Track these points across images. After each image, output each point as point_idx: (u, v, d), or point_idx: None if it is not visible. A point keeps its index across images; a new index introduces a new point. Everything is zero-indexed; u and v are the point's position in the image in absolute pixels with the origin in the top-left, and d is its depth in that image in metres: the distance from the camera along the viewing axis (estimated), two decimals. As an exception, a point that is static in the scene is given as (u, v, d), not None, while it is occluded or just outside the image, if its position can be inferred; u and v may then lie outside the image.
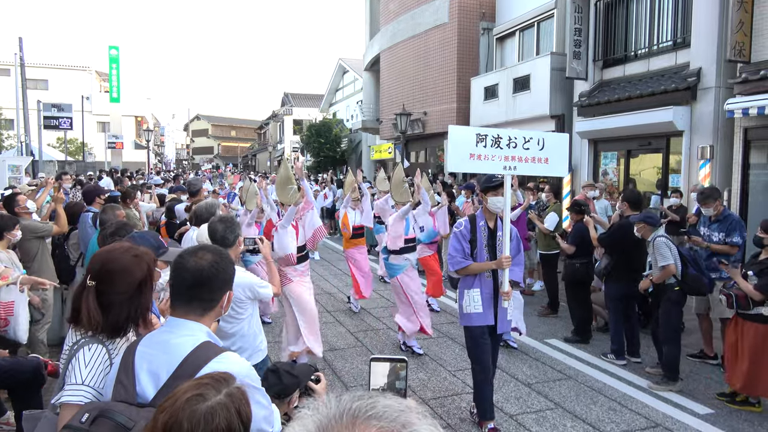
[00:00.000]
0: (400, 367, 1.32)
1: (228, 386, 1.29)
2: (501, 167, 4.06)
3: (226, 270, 1.84)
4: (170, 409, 1.21)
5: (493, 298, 4.23)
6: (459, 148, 3.91)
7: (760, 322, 4.67)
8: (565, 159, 4.30)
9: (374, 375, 1.31)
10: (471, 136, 3.94)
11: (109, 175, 17.93)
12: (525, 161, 4.11)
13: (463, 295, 4.27)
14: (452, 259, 4.20)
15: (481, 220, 4.28)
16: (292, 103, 45.64)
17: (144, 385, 1.64)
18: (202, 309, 1.78)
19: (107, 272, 1.93)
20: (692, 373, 5.69)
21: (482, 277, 4.23)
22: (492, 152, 3.99)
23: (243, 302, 3.16)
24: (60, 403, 1.78)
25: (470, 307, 4.21)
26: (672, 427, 4.51)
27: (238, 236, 3.26)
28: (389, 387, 1.31)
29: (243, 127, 76.24)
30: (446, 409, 4.77)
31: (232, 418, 1.24)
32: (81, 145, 32.42)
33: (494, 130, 4.04)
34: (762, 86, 8.54)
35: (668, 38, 11.16)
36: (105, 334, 1.92)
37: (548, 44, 14.78)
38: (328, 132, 29.98)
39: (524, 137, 4.08)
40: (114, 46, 36.51)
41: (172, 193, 9.72)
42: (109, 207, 4.96)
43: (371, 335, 6.98)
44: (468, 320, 4.26)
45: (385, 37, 22.43)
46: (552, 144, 4.20)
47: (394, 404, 0.83)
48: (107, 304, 1.90)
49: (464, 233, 4.22)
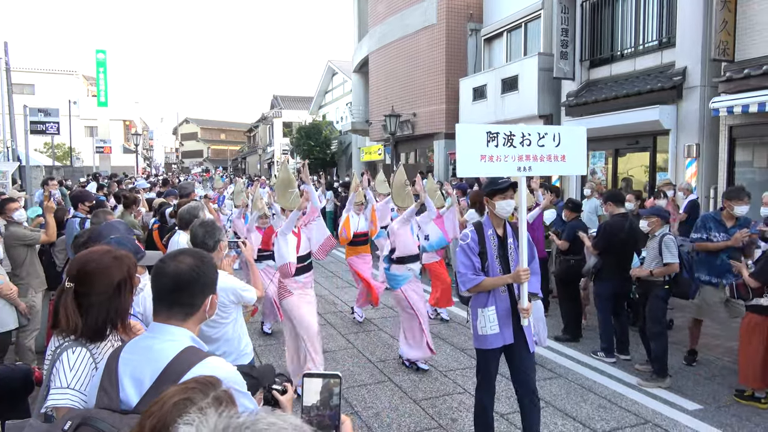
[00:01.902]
0: (333, 384, 1.30)
1: (215, 390, 1.28)
2: (515, 168, 3.61)
3: (207, 274, 1.83)
4: (158, 414, 1.20)
5: (511, 314, 3.75)
6: (468, 150, 3.45)
7: (759, 313, 4.84)
8: (584, 154, 3.89)
9: (307, 392, 1.29)
10: (481, 135, 3.49)
11: (95, 180, 17.78)
12: (541, 160, 3.68)
13: (476, 314, 3.77)
14: (463, 276, 3.68)
15: (488, 228, 3.77)
16: (282, 106, 45.55)
17: (127, 391, 1.63)
18: (184, 314, 1.77)
19: (85, 273, 1.92)
20: (681, 369, 5.74)
21: (497, 292, 3.73)
22: (505, 152, 3.55)
23: (226, 306, 3.15)
24: (49, 408, 1.76)
25: (485, 328, 3.72)
26: (661, 423, 4.54)
27: (220, 240, 3.25)
28: (322, 404, 1.29)
29: (232, 130, 75.99)
30: (437, 410, 4.77)
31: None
32: (68, 150, 32.15)
33: (505, 126, 3.60)
34: (746, 85, 8.65)
35: (654, 38, 11.27)
36: (86, 337, 1.90)
37: (536, 45, 14.87)
38: (317, 134, 29.95)
39: (539, 133, 3.67)
40: (101, 50, 36.22)
41: (164, 198, 9.65)
42: (101, 212, 4.91)
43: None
44: (484, 342, 3.76)
45: (374, 38, 22.45)
46: (568, 139, 3.79)
47: (279, 423, 0.82)
48: (86, 306, 1.89)
49: (472, 246, 3.71)
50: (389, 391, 5.21)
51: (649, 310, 5.47)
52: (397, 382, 5.40)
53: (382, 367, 5.84)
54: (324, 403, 1.29)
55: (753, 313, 4.92)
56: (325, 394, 1.29)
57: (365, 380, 5.47)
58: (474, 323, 3.82)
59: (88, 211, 6.34)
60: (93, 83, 39.23)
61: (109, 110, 37.89)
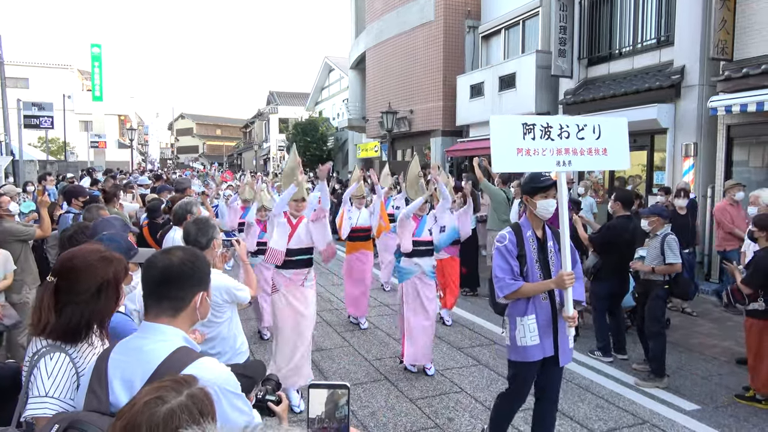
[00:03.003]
0: (340, 395, 1.25)
1: (189, 388, 1.24)
2: (554, 163, 3.32)
3: (198, 268, 1.77)
4: (128, 414, 1.16)
5: (552, 324, 3.46)
6: (504, 143, 3.17)
7: (756, 317, 4.83)
8: (626, 148, 3.61)
9: (312, 403, 1.25)
10: (516, 127, 3.22)
11: (88, 174, 17.66)
12: (581, 154, 3.40)
13: (514, 324, 3.46)
14: (500, 281, 3.39)
15: (527, 229, 3.48)
16: (278, 102, 45.45)
17: (117, 393, 1.57)
18: (173, 309, 1.71)
19: (68, 269, 1.86)
20: (679, 369, 5.72)
21: (537, 299, 3.42)
22: (542, 145, 3.27)
23: (221, 306, 3.12)
24: (28, 417, 1.71)
25: (525, 339, 3.40)
26: (659, 423, 4.52)
27: (213, 238, 3.19)
28: (328, 416, 1.24)
29: (228, 125, 75.77)
30: (434, 409, 4.74)
31: (194, 420, 1.18)
32: (63, 145, 31.95)
33: (542, 118, 3.34)
34: (744, 84, 8.63)
35: (652, 36, 11.24)
36: (60, 338, 1.83)
37: (533, 42, 14.83)
38: (314, 131, 29.89)
39: (577, 125, 3.41)
40: (96, 44, 36.12)
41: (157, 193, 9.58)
42: (94, 207, 4.86)
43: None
44: (522, 354, 3.43)
45: (371, 35, 22.37)
46: (609, 131, 3.51)
47: None
48: (63, 303, 1.82)
49: (510, 248, 3.41)
50: (385, 390, 5.17)
51: (649, 309, 5.44)
52: (393, 381, 5.36)
53: (378, 365, 5.80)
54: (329, 415, 1.23)
55: (753, 318, 4.91)
56: (330, 406, 1.24)
57: (361, 379, 5.42)
58: (512, 333, 3.48)
59: (82, 206, 6.26)
60: (88, 77, 39.01)
61: (104, 105, 37.70)
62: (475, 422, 4.49)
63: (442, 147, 18.00)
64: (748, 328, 4.98)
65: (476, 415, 4.63)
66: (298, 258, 4.86)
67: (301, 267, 4.87)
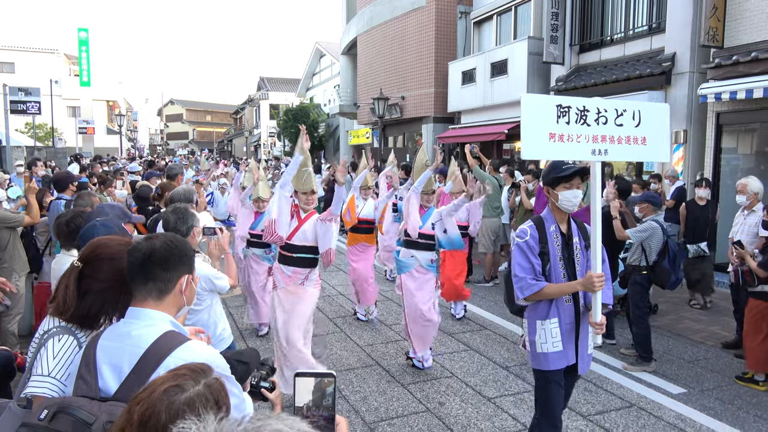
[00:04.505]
0: (327, 383, 1.27)
1: (206, 377, 1.27)
2: (589, 151, 2.93)
3: (181, 250, 1.79)
4: (147, 401, 1.17)
5: (575, 329, 3.14)
6: (535, 127, 2.76)
7: (762, 299, 4.97)
8: (667, 137, 3.24)
9: (299, 391, 1.26)
10: (550, 108, 2.82)
11: (76, 161, 17.49)
12: (618, 142, 3.03)
13: (534, 328, 3.16)
14: (520, 281, 3.06)
15: (550, 224, 3.15)
16: (269, 88, 45.07)
17: (106, 379, 1.59)
18: (159, 291, 1.72)
19: (95, 257, 1.90)
20: (666, 353, 5.81)
21: (560, 302, 3.10)
22: (577, 131, 2.88)
23: (200, 294, 3.18)
24: (28, 394, 1.72)
25: (547, 345, 3.10)
26: (646, 407, 4.60)
27: (193, 227, 3.20)
28: (315, 404, 1.26)
29: (218, 111, 75.14)
30: (425, 394, 4.79)
31: (211, 408, 1.21)
32: (50, 131, 31.58)
33: (578, 99, 2.92)
34: (734, 71, 8.66)
35: (643, 23, 11.25)
36: (76, 323, 1.86)
37: (525, 28, 14.77)
38: (305, 117, 29.68)
39: (616, 109, 3.03)
40: (83, 28, 35.47)
41: (146, 179, 9.53)
42: (86, 194, 4.85)
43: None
44: (544, 362, 3.12)
45: (362, 20, 22.19)
46: (650, 118, 3.12)
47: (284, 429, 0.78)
48: (85, 289, 1.86)
49: (531, 244, 3.08)
50: (377, 375, 5.21)
51: (630, 295, 5.61)
52: (385, 366, 5.40)
53: (370, 351, 5.84)
54: (317, 403, 1.25)
55: (758, 299, 5.02)
56: (318, 394, 1.25)
57: (353, 364, 5.46)
58: (531, 338, 3.18)
59: (75, 191, 6.22)
60: (75, 62, 38.43)
61: (92, 90, 37.19)
62: (466, 406, 4.54)
63: (434, 133, 17.96)
64: (751, 309, 5.09)
65: (467, 399, 4.68)
66: (300, 256, 4.49)
67: (302, 266, 4.51)
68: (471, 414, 4.42)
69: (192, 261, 1.84)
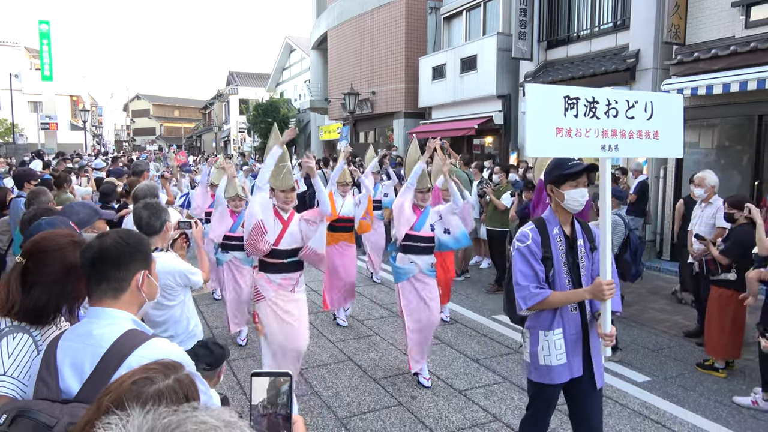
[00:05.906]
0: (281, 382, 1.28)
1: (177, 373, 1.27)
2: (598, 147, 2.66)
3: (134, 246, 1.75)
4: (116, 391, 1.17)
5: (582, 339, 2.90)
6: (541, 120, 2.50)
7: (724, 287, 5.15)
8: (680, 132, 2.96)
9: (255, 390, 1.27)
10: (557, 100, 2.56)
11: (39, 157, 17.00)
12: (630, 137, 2.75)
13: (537, 339, 2.92)
14: (523, 290, 2.80)
15: (553, 225, 2.89)
16: (238, 83, 44.52)
17: (67, 380, 1.56)
18: (113, 290, 1.70)
19: (39, 250, 1.87)
20: (632, 343, 5.96)
21: (565, 311, 2.86)
22: (586, 124, 2.62)
23: (173, 289, 3.13)
24: None
25: (550, 357, 2.86)
26: (612, 395, 4.71)
27: (166, 221, 3.16)
28: (270, 402, 1.27)
29: (187, 107, 73.88)
30: (397, 387, 4.82)
31: (179, 402, 1.21)
32: (11, 126, 30.61)
33: (587, 90, 2.66)
34: (695, 68, 8.91)
35: (609, 20, 11.47)
36: (27, 320, 1.82)
37: (494, 24, 14.91)
38: (275, 112, 29.43)
39: (627, 101, 2.76)
40: (45, 21, 34.46)
41: (115, 177, 9.32)
42: (40, 191, 4.70)
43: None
44: (547, 376, 2.88)
45: (333, 15, 22.07)
46: (662, 111, 2.85)
47: (209, 420, 0.79)
48: (30, 283, 1.82)
49: (533, 249, 2.83)
50: (349, 370, 5.22)
51: None
52: (357, 362, 5.42)
53: (342, 346, 5.84)
54: (271, 401, 1.26)
55: (720, 287, 5.20)
56: (272, 392, 1.26)
57: (325, 360, 5.46)
58: (533, 349, 2.94)
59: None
60: (36, 56, 37.26)
61: (55, 85, 36.12)
62: (437, 399, 4.59)
63: (405, 129, 18.01)
64: (714, 298, 5.26)
65: (438, 392, 4.73)
66: (290, 260, 4.21)
67: (291, 270, 4.23)
68: (442, 407, 4.46)
69: (148, 256, 1.81)
